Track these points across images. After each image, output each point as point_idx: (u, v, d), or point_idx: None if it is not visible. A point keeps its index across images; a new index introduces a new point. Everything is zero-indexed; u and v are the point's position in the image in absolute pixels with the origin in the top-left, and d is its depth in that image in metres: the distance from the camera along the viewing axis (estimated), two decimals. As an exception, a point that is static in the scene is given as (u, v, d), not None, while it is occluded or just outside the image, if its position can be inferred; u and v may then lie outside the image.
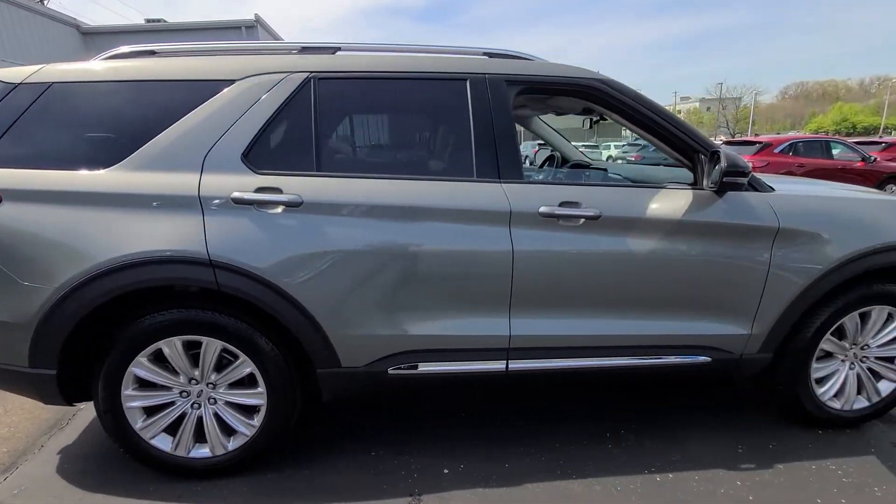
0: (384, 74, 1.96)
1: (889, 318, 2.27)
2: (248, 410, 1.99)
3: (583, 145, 11.72)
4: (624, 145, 27.88)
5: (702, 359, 2.15)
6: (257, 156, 1.84)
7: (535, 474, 2.06)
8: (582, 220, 1.94)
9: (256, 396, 1.95)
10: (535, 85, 2.05)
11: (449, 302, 1.95)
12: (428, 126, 1.96)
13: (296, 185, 1.82)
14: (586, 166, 3.29)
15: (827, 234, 2.09)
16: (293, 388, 1.97)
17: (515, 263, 1.92)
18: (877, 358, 2.34)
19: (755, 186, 2.11)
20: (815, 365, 2.27)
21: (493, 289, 1.94)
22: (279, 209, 1.80)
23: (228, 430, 2.00)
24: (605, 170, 3.09)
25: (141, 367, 1.85)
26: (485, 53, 2.10)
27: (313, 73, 1.90)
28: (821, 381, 2.32)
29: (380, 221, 1.86)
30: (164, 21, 18.34)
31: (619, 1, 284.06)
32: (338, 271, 1.84)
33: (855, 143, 14.20)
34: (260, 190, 1.80)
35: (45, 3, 27.80)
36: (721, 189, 1.96)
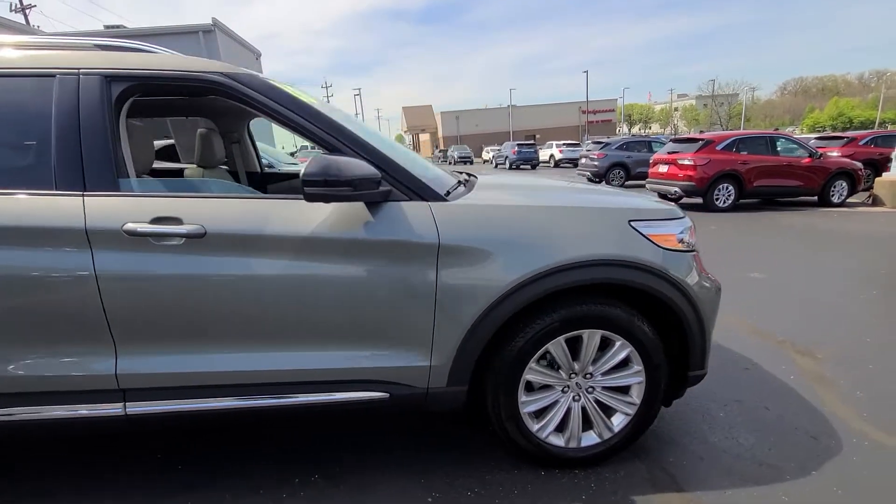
0: (-45, 71, 1.68)
1: (607, 343, 1.96)
2: None
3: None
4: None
5: (378, 395, 1.85)
6: None
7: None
8: (183, 239, 1.65)
9: None
10: (148, 81, 1.75)
11: (31, 337, 1.65)
12: (6, 130, 1.68)
13: None
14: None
15: (503, 252, 1.78)
16: None
17: (103, 291, 1.62)
18: (604, 388, 2.03)
19: (421, 195, 1.80)
20: (524, 397, 1.96)
21: (83, 321, 1.65)
22: None
23: None
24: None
25: None
26: (96, 45, 1.81)
27: None
28: (538, 414, 2.02)
29: None
30: (124, 27, 18.22)
31: (618, 2, 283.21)
32: None
33: (816, 138, 13.84)
34: None
35: (28, 13, 28.01)
36: (309, 199, 1.64)
